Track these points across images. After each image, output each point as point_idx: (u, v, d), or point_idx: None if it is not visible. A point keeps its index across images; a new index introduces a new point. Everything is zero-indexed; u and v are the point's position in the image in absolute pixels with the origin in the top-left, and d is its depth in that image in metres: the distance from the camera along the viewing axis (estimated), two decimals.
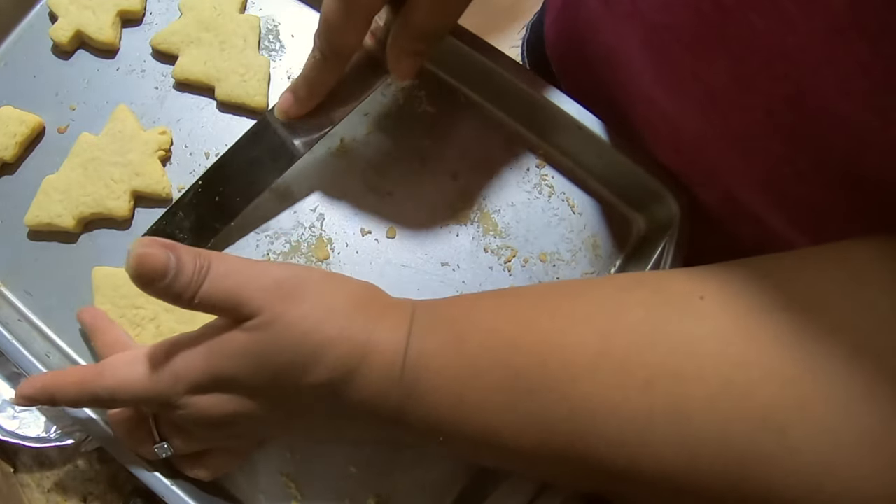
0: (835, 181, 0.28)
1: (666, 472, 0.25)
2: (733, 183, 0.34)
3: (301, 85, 0.35)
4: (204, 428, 0.30)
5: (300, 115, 0.36)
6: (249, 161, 0.37)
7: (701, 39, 0.30)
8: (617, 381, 0.25)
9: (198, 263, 0.27)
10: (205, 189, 0.37)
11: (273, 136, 0.36)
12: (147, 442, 0.32)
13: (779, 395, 0.23)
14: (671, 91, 0.34)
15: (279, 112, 0.36)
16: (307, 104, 0.35)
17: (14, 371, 0.39)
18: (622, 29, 0.36)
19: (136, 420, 0.32)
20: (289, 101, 0.35)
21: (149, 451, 0.32)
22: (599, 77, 0.41)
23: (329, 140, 0.39)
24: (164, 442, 0.31)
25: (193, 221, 0.36)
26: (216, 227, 0.37)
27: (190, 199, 0.37)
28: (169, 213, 0.37)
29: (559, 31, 0.49)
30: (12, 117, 0.39)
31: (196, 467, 0.33)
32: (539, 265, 0.39)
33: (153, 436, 0.31)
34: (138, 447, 0.32)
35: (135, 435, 0.32)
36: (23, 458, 0.39)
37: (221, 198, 0.37)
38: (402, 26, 0.33)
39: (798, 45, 0.25)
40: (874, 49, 0.22)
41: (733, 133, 0.31)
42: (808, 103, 0.26)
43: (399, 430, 0.30)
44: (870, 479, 0.21)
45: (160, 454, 0.31)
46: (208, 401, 0.29)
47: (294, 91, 0.35)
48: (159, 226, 0.37)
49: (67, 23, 0.40)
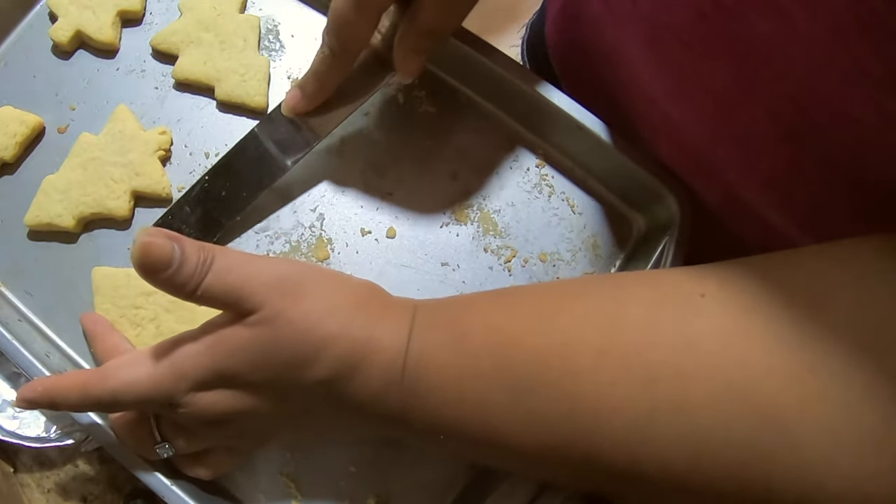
0: (836, 180, 0.28)
1: (667, 470, 0.25)
2: (735, 182, 0.34)
3: (309, 81, 0.34)
4: (206, 426, 0.30)
5: (308, 112, 0.36)
6: (257, 156, 0.37)
7: (702, 39, 0.30)
8: (618, 379, 0.25)
9: (202, 256, 0.27)
10: (211, 184, 0.37)
11: (278, 132, 0.36)
12: (148, 442, 0.32)
13: (780, 394, 0.23)
14: (672, 91, 0.34)
15: (286, 109, 0.36)
16: (315, 100, 0.35)
17: (14, 371, 0.39)
18: (623, 29, 0.36)
19: (137, 421, 0.32)
20: (296, 97, 0.35)
21: (150, 451, 0.32)
22: (600, 77, 0.41)
23: (329, 140, 0.39)
24: (166, 442, 0.31)
25: (199, 216, 0.37)
26: (222, 222, 0.37)
27: (196, 194, 0.37)
28: (175, 206, 0.37)
29: (559, 31, 0.49)
30: (12, 117, 0.39)
31: (197, 466, 0.33)
32: (539, 265, 0.39)
33: (154, 436, 0.31)
34: (140, 448, 0.32)
35: (136, 435, 0.32)
36: (23, 458, 0.39)
37: (228, 192, 0.37)
38: (410, 24, 0.33)
39: (799, 46, 0.25)
40: (876, 50, 0.22)
41: (735, 132, 0.31)
42: (809, 103, 0.26)
43: (400, 428, 0.30)
44: (872, 479, 0.21)
45: (162, 454, 0.31)
46: (211, 398, 0.29)
47: (302, 87, 0.35)
48: (165, 220, 0.37)
49: (67, 23, 0.40)
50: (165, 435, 0.31)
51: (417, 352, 0.28)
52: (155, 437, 0.31)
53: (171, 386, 0.28)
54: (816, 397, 0.22)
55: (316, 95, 0.35)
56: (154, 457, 0.32)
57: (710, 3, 0.28)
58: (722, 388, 0.23)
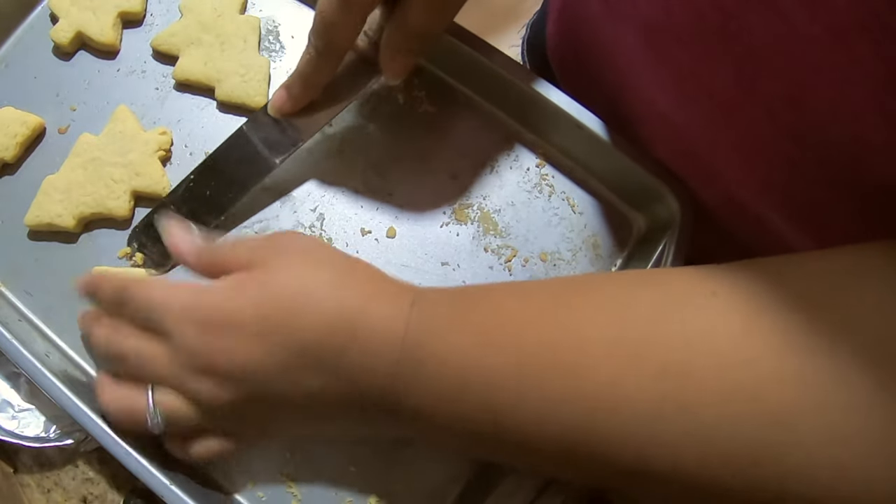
0: (837, 181, 0.28)
1: (676, 466, 0.24)
2: (734, 183, 0.34)
3: (295, 81, 0.35)
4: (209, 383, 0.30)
5: (294, 112, 0.36)
6: (243, 155, 0.37)
7: (701, 41, 0.30)
8: (628, 372, 0.25)
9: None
10: (197, 183, 0.37)
11: (265, 131, 0.36)
12: (139, 415, 0.31)
13: (788, 396, 0.23)
14: (672, 92, 0.34)
15: (272, 109, 0.36)
16: (301, 101, 0.35)
17: (14, 371, 0.39)
18: (622, 30, 0.36)
19: (131, 396, 0.31)
20: (282, 97, 0.35)
21: (141, 423, 0.31)
22: (600, 78, 0.41)
23: (329, 140, 0.39)
24: (158, 416, 0.31)
25: (185, 214, 0.37)
26: (208, 221, 0.37)
27: (182, 193, 0.37)
28: (160, 205, 0.37)
29: (559, 32, 0.49)
30: (13, 118, 0.39)
31: (189, 445, 0.32)
32: (539, 265, 0.39)
33: (148, 406, 0.31)
34: (130, 420, 0.31)
35: (128, 408, 0.31)
36: (23, 458, 0.39)
37: (213, 191, 0.37)
38: (397, 25, 0.33)
39: (799, 47, 0.25)
40: (876, 51, 0.22)
41: (734, 134, 0.31)
42: (809, 104, 0.26)
43: (398, 419, 0.30)
44: (884, 482, 0.21)
45: (153, 427, 0.31)
46: (220, 343, 0.29)
47: (288, 88, 0.35)
48: (149, 218, 0.37)
49: (68, 24, 0.40)
50: (160, 406, 0.31)
51: (417, 323, 0.28)
52: (148, 408, 0.31)
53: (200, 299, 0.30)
54: (825, 401, 0.22)
55: (301, 96, 0.35)
56: (144, 430, 0.31)
57: (709, 4, 0.28)
58: (730, 388, 0.23)
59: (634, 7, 0.34)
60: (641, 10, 0.34)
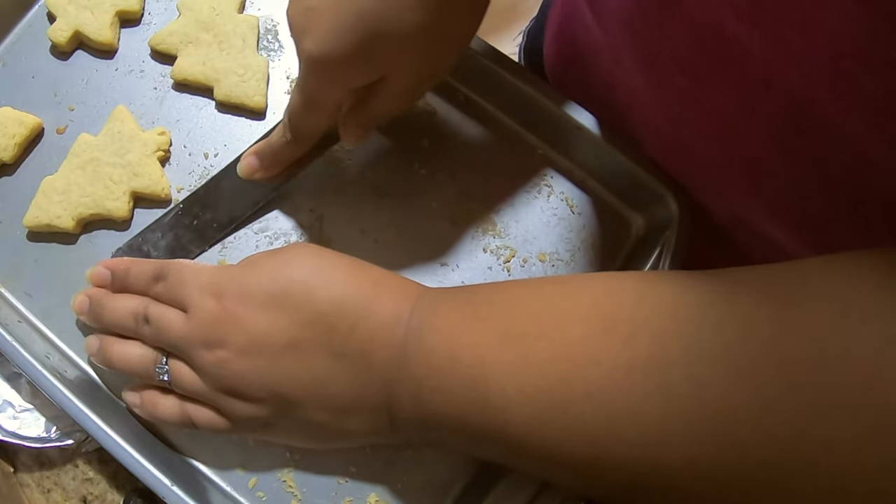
0: (840, 199, 0.28)
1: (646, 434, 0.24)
2: (739, 202, 0.34)
3: (267, 154, 0.36)
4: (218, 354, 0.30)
5: (263, 180, 0.37)
6: (228, 191, 0.38)
7: (702, 67, 0.30)
8: (602, 333, 0.26)
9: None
10: (184, 211, 0.38)
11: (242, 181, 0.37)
12: (149, 363, 0.33)
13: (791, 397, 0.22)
14: (674, 116, 0.34)
15: (242, 173, 0.37)
16: (270, 172, 0.36)
17: (14, 372, 0.39)
18: (621, 54, 0.36)
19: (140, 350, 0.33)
20: (252, 166, 0.36)
21: (149, 372, 0.33)
22: (600, 100, 0.40)
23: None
24: (167, 365, 0.32)
25: (170, 240, 0.37)
26: (191, 250, 0.38)
27: (169, 220, 0.38)
28: (147, 231, 0.38)
29: (558, 52, 0.49)
30: (11, 118, 0.39)
31: (187, 406, 0.33)
32: (538, 265, 0.39)
33: (157, 356, 0.32)
34: (137, 369, 0.33)
35: (137, 357, 0.33)
36: (23, 458, 0.39)
37: (200, 222, 0.38)
38: (358, 109, 0.34)
39: (800, 73, 0.25)
40: (876, 77, 0.22)
41: (738, 155, 0.32)
42: (811, 126, 0.26)
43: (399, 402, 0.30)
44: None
45: (159, 375, 0.32)
46: (233, 313, 0.30)
47: (260, 157, 0.36)
48: (134, 242, 0.37)
49: (66, 23, 0.40)
50: (170, 364, 0.32)
51: (422, 306, 0.30)
52: (157, 357, 0.32)
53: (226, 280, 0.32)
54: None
55: (272, 168, 0.36)
56: (149, 380, 0.33)
57: (709, 32, 0.28)
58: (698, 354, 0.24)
59: (633, 34, 0.34)
60: (641, 37, 0.34)
